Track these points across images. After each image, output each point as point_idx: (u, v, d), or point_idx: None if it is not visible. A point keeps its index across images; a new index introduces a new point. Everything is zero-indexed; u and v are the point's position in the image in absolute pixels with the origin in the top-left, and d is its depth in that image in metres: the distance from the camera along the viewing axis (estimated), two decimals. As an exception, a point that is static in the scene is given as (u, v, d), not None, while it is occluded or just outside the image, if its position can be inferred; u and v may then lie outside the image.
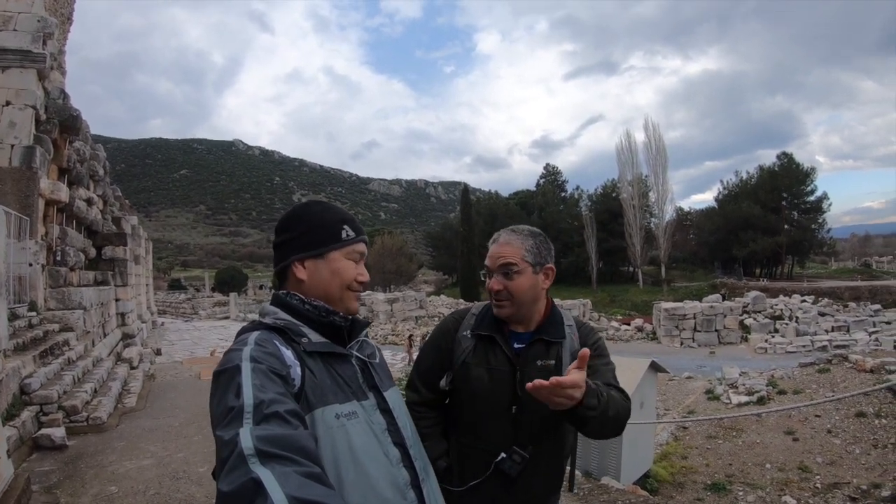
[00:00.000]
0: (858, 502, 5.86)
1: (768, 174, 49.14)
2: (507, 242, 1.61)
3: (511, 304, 1.59)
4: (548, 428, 1.60)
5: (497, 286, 1.57)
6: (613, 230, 50.16)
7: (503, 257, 1.58)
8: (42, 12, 9.11)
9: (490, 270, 1.61)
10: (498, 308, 1.61)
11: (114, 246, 12.40)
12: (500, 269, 1.58)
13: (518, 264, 1.57)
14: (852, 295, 31.24)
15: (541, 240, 1.64)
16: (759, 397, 10.02)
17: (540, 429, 1.58)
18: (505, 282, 1.57)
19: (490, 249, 1.64)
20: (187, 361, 13.33)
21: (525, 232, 1.64)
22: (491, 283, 1.59)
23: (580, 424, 1.42)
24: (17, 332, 6.30)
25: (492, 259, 1.61)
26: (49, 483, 4.30)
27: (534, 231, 1.65)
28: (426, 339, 1.78)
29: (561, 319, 1.67)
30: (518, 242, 1.60)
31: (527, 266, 1.58)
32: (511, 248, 1.59)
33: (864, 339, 21.09)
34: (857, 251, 74.14)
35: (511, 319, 1.63)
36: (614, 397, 1.46)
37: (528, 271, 1.58)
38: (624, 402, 1.51)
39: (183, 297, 45.98)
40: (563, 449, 1.68)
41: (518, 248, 1.59)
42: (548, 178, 64.70)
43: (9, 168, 7.85)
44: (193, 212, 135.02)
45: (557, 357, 1.60)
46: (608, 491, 4.59)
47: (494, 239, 1.65)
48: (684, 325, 26.25)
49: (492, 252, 1.62)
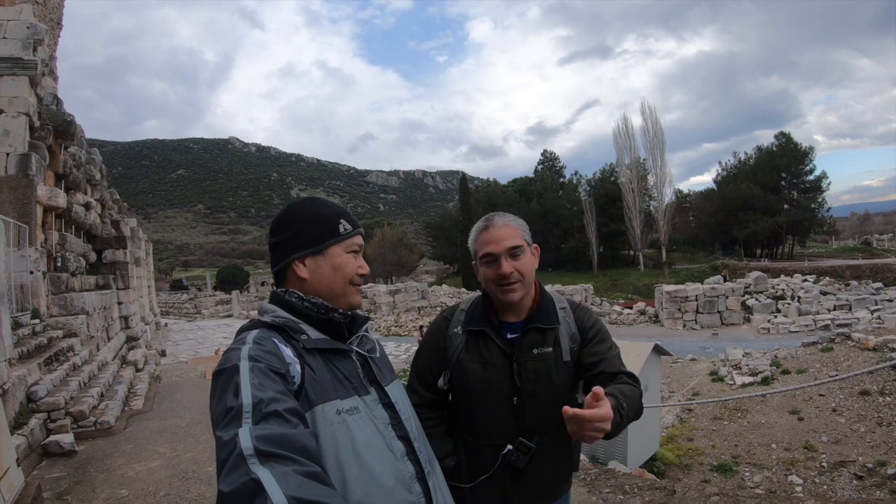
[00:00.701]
0: (864, 480, 5.89)
1: (767, 155, 48.95)
2: (504, 224, 1.60)
3: (522, 285, 1.57)
4: (552, 417, 1.57)
5: (509, 269, 1.55)
6: (613, 214, 50.06)
7: (508, 239, 1.57)
8: (31, 19, 9.06)
9: (495, 255, 1.57)
10: (510, 292, 1.57)
11: (114, 249, 12.41)
12: (509, 251, 1.56)
13: (522, 244, 1.58)
14: (853, 273, 31.23)
15: (523, 221, 1.67)
16: (763, 378, 10.04)
17: (544, 418, 1.57)
18: (514, 263, 1.56)
19: (486, 235, 1.60)
20: (192, 361, 13.37)
21: (511, 215, 1.65)
22: (503, 268, 1.54)
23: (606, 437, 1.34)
24: (22, 340, 6.31)
25: (497, 243, 1.57)
26: (60, 489, 4.33)
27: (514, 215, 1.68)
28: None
29: (552, 304, 1.65)
30: (514, 224, 1.61)
31: (526, 246, 1.59)
32: (511, 230, 1.59)
33: (866, 317, 21.08)
34: (858, 230, 74.05)
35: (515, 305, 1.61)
36: (630, 396, 1.42)
37: (527, 251, 1.59)
38: (636, 390, 1.50)
39: (185, 298, 45.95)
40: (568, 438, 1.63)
41: (516, 230, 1.60)
42: (546, 165, 64.47)
43: (5, 176, 7.83)
44: (192, 211, 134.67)
45: (555, 343, 1.59)
46: (615, 475, 4.61)
47: (486, 225, 1.62)
48: (686, 308, 26.23)
49: (492, 236, 1.58)
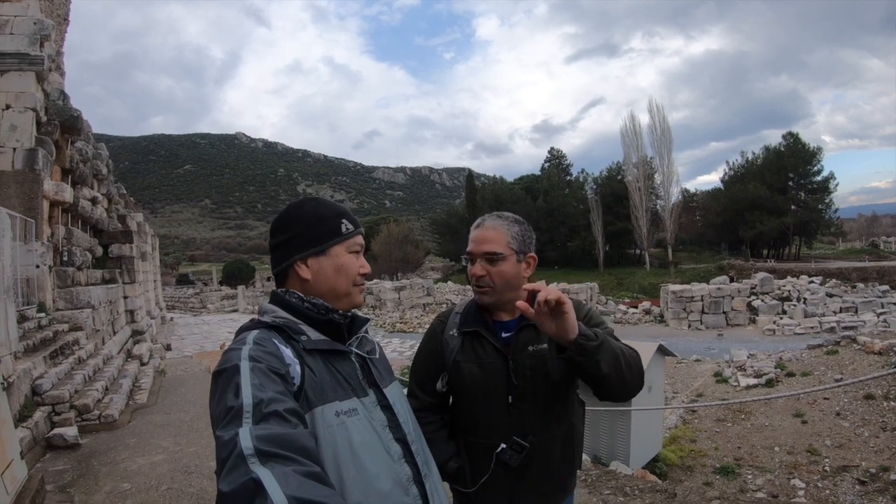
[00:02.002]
0: (867, 485, 5.85)
1: (774, 154, 48.52)
2: (492, 227, 1.58)
3: (493, 290, 1.56)
4: (549, 414, 1.58)
5: (480, 272, 1.55)
6: (619, 213, 49.74)
7: (488, 243, 1.55)
8: (38, 14, 9.09)
9: (473, 255, 1.57)
10: (481, 294, 1.58)
11: (120, 244, 12.46)
12: (484, 255, 1.55)
13: (503, 251, 1.55)
14: (860, 275, 30.94)
15: (525, 227, 1.62)
16: (767, 380, 10.01)
17: (540, 415, 1.56)
18: (488, 268, 1.55)
19: (474, 233, 1.60)
20: (197, 356, 13.46)
21: (510, 218, 1.62)
22: (473, 269, 1.55)
23: (593, 371, 1.39)
24: (27, 333, 6.36)
25: (475, 243, 1.57)
26: (63, 482, 4.37)
27: (518, 218, 1.64)
28: None
29: None
30: (504, 228, 1.57)
31: (511, 253, 1.56)
32: (496, 234, 1.56)
33: (872, 320, 20.98)
34: (865, 231, 73.39)
35: (493, 307, 1.61)
36: (613, 341, 1.46)
37: (512, 258, 1.56)
38: (630, 349, 1.51)
39: (191, 292, 46.10)
40: (570, 435, 1.65)
41: (504, 234, 1.56)
42: (552, 162, 64.20)
43: (12, 171, 7.88)
44: (199, 206, 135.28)
45: (550, 339, 1.55)
46: (616, 477, 4.60)
47: (478, 224, 1.61)
48: (692, 308, 26.15)
49: (475, 236, 1.58)
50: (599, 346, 1.37)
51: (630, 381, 1.47)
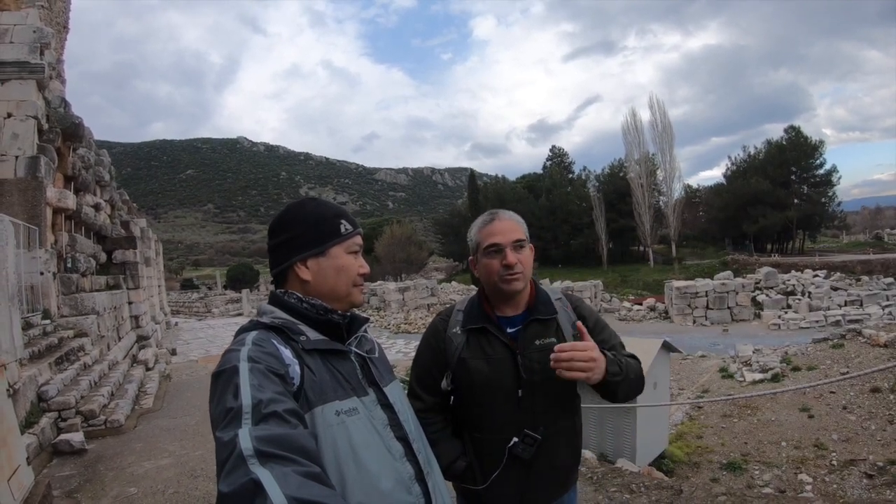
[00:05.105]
0: (874, 479, 5.82)
1: (776, 148, 48.40)
2: (508, 219, 1.66)
3: (524, 276, 1.62)
4: (557, 407, 1.62)
5: (514, 259, 1.59)
6: (622, 210, 49.64)
7: (515, 232, 1.63)
8: (38, 23, 9.11)
9: (500, 246, 1.61)
10: (514, 282, 1.61)
11: (124, 250, 12.51)
12: (514, 243, 1.61)
13: (525, 239, 1.64)
14: (864, 268, 30.80)
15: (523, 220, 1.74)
16: (773, 374, 9.97)
17: (550, 408, 1.60)
18: (519, 256, 1.61)
19: (491, 227, 1.65)
20: (202, 360, 13.45)
21: (511, 212, 1.71)
22: (509, 258, 1.59)
23: (611, 392, 1.56)
24: (32, 340, 6.38)
25: (503, 235, 1.62)
26: (69, 487, 4.38)
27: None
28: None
29: (548, 296, 1.71)
30: (516, 220, 1.67)
31: (527, 242, 1.65)
32: (515, 224, 1.65)
33: (877, 312, 20.90)
34: (869, 224, 73.06)
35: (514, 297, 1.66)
36: (630, 362, 1.61)
37: (527, 247, 1.65)
38: (636, 363, 1.66)
39: (196, 297, 46.09)
40: (574, 427, 1.69)
41: (519, 224, 1.66)
42: (554, 161, 64.12)
43: (14, 179, 7.91)
44: (202, 211, 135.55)
45: (557, 332, 1.63)
46: (622, 474, 4.58)
47: (491, 218, 1.67)
48: (696, 304, 26.08)
49: (497, 228, 1.63)
50: (621, 381, 1.54)
51: (634, 393, 1.63)
